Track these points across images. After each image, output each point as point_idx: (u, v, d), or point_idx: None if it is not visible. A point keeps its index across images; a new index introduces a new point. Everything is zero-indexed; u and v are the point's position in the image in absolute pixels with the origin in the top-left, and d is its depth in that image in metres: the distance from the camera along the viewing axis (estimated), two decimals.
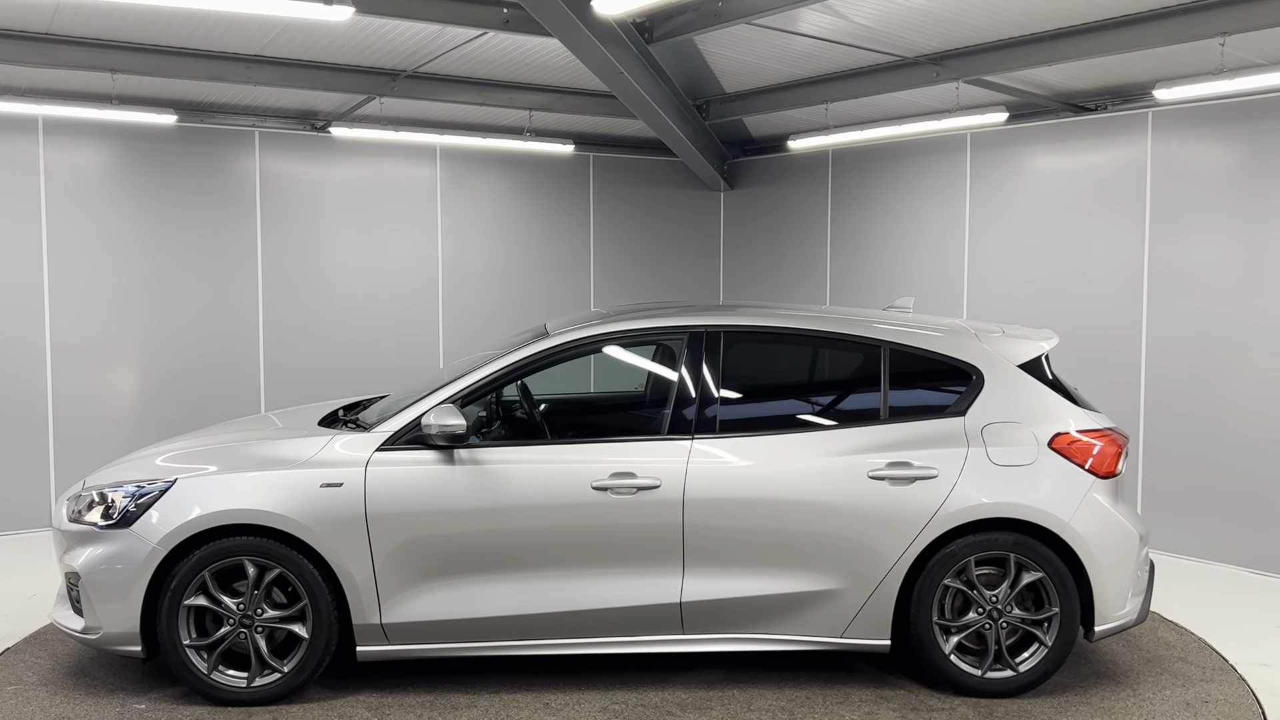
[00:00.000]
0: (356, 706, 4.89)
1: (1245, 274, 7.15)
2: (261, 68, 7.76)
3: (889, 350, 5.14)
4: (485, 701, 4.95)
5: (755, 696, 5.00)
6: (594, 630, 4.96)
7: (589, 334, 5.20)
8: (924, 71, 7.61)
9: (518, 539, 4.88)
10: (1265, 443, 7.08)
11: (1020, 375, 5.09)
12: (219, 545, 4.79)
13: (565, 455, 4.99)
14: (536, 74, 8.49)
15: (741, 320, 5.32)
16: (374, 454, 4.90)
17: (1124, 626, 5.02)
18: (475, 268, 10.01)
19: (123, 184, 8.48)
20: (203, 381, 8.83)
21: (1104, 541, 4.89)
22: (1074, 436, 4.98)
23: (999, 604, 4.91)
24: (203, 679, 4.85)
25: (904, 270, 9.34)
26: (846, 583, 4.91)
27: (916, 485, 4.88)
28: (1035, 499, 4.86)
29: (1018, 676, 4.93)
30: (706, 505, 4.88)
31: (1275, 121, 6.95)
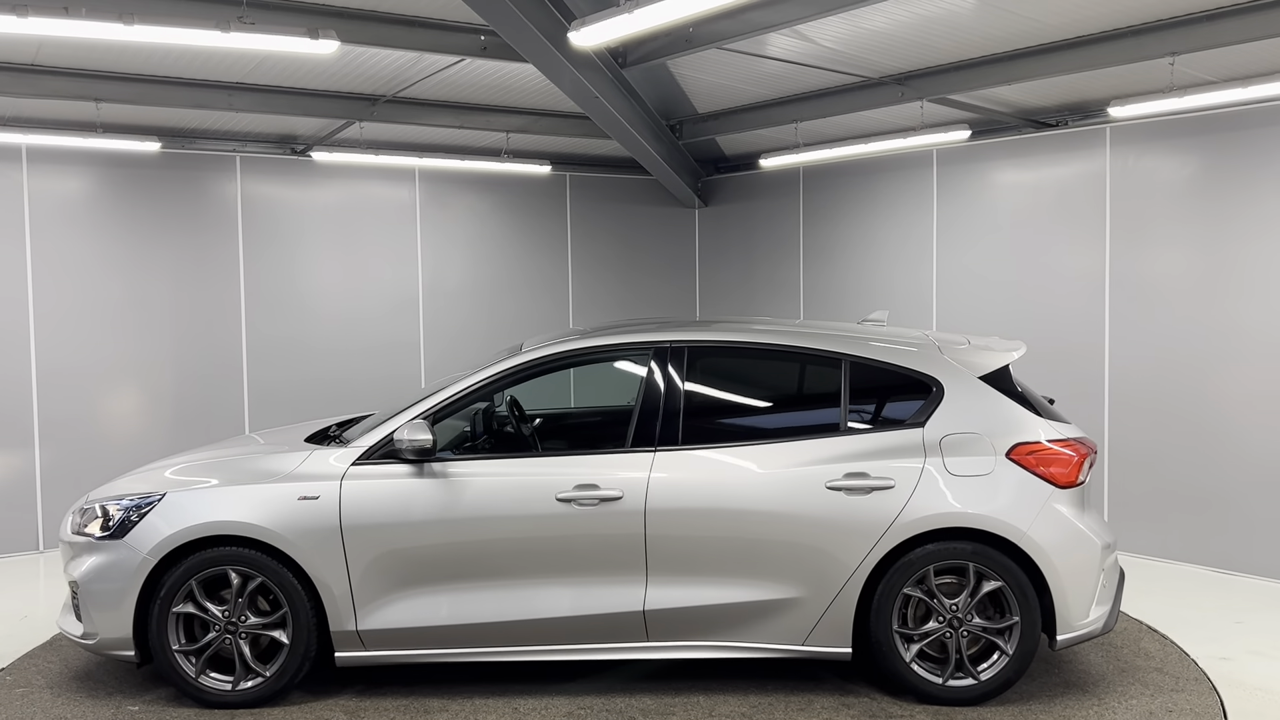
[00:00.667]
0: (335, 710, 5.09)
1: (1202, 281, 7.41)
2: (243, 95, 7.92)
3: (849, 364, 5.23)
4: (457, 706, 5.13)
5: (719, 702, 5.09)
6: (562, 638, 5.11)
7: (555, 351, 5.38)
8: (889, 91, 7.85)
9: (486, 549, 5.05)
10: (1223, 444, 7.33)
11: (981, 387, 5.13)
12: (205, 555, 5.05)
13: (532, 468, 5.18)
14: (513, 97, 8.68)
15: (705, 335, 5.45)
16: (350, 468, 5.13)
17: (1089, 635, 5.02)
18: (455, 287, 10.18)
19: (107, 210, 8.61)
20: (188, 403, 8.94)
21: (1064, 551, 4.91)
22: (1033, 446, 5.00)
23: (959, 613, 4.95)
24: (191, 682, 5.09)
25: (875, 283, 9.57)
26: (806, 591, 4.98)
27: (873, 495, 4.95)
28: (992, 509, 4.90)
29: (979, 685, 4.97)
30: (667, 515, 4.99)
31: (1227, 135, 7.22)
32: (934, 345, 5.37)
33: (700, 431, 5.20)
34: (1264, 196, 7.06)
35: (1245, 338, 7.20)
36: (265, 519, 5.02)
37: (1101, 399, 7.96)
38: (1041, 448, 5.02)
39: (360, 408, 7.50)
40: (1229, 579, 7.22)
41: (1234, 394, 7.27)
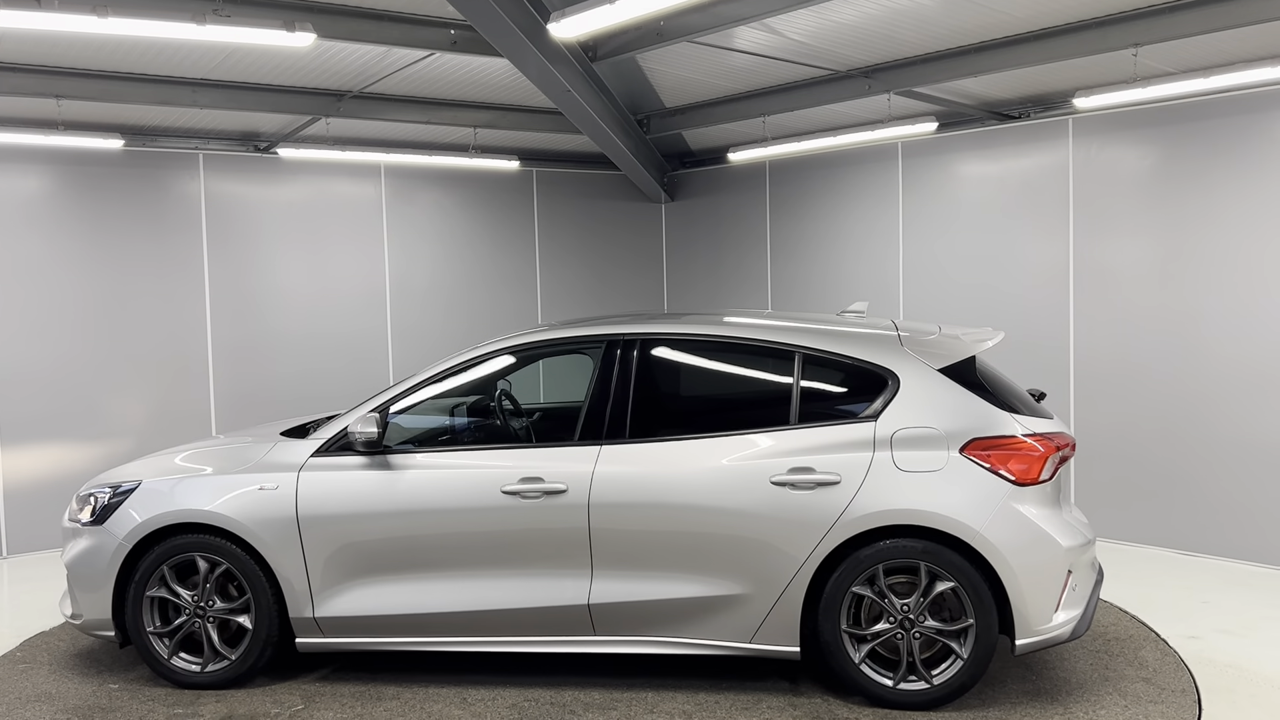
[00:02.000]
0: (294, 694, 5.24)
1: (1163, 269, 7.56)
2: (208, 91, 7.83)
3: (802, 355, 5.07)
4: (410, 694, 5.20)
5: (665, 699, 5.03)
6: (509, 629, 5.13)
7: (505, 345, 5.42)
8: (856, 84, 7.93)
9: (434, 541, 5.11)
10: (1185, 429, 7.48)
11: (938, 380, 4.90)
12: (175, 542, 5.24)
13: (480, 461, 5.19)
14: (481, 92, 8.66)
15: (656, 328, 5.35)
16: (308, 460, 5.27)
17: (1053, 641, 4.75)
18: (423, 284, 10.14)
19: (68, 209, 8.47)
20: (153, 404, 8.83)
21: (1022, 552, 4.66)
22: (990, 442, 4.76)
23: (911, 613, 4.75)
24: (163, 663, 5.31)
25: (842, 276, 9.66)
26: (752, 588, 4.86)
27: (818, 491, 4.78)
28: (943, 506, 4.67)
29: (932, 689, 4.77)
30: (611, 509, 4.94)
31: (1187, 126, 7.37)
32: (894, 337, 5.15)
33: (648, 425, 5.11)
34: (1222, 185, 7.22)
35: (1205, 324, 7.35)
36: (229, 508, 5.19)
37: (1067, 386, 8.10)
38: (999, 443, 4.76)
39: (329, 406, 7.46)
40: (1194, 560, 7.38)
41: (1195, 380, 7.43)
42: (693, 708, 4.93)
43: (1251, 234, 7.10)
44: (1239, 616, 6.16)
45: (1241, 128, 7.10)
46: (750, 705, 4.92)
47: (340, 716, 4.97)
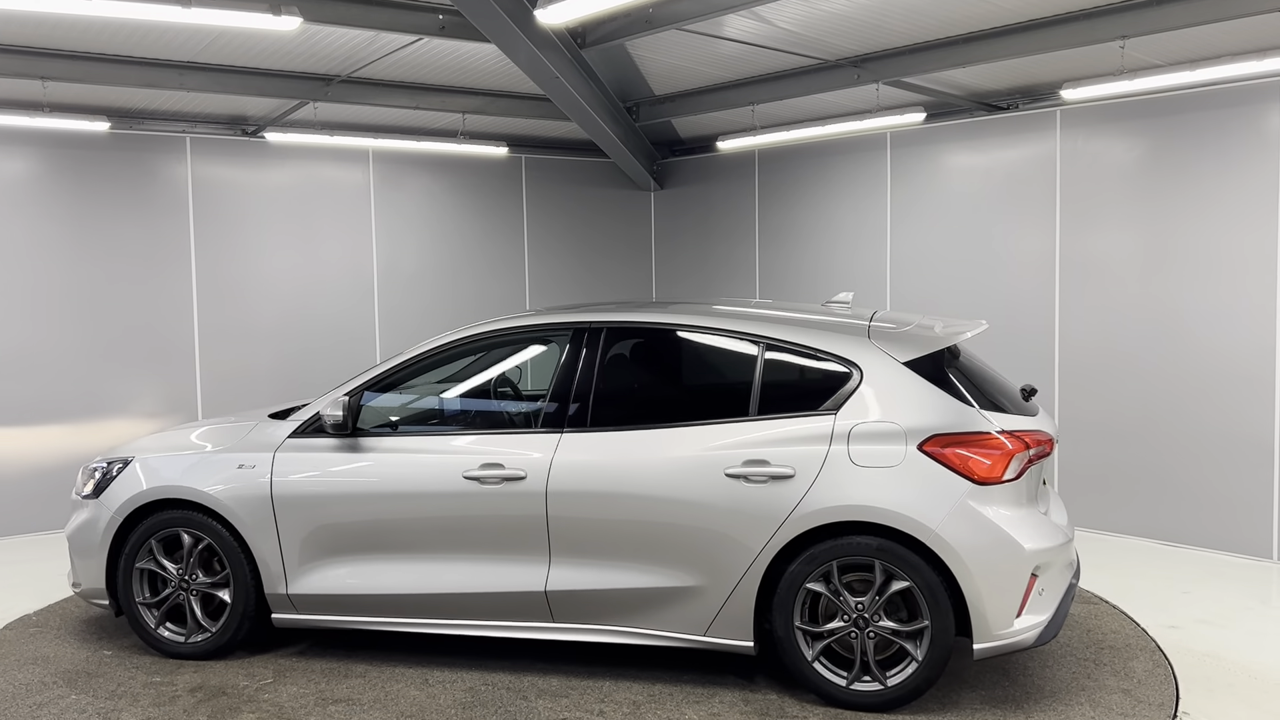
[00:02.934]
0: (266, 667, 5.40)
1: (1148, 260, 7.60)
2: (195, 74, 7.79)
3: (766, 346, 4.97)
4: (375, 672, 5.30)
5: (620, 688, 5.02)
6: (471, 613, 5.17)
7: (474, 333, 5.45)
8: (845, 74, 7.93)
9: (400, 523, 5.20)
10: (1168, 421, 7.53)
11: (902, 373, 4.76)
12: (161, 517, 5.45)
13: (445, 446, 5.24)
14: (470, 78, 8.64)
15: (621, 317, 5.32)
16: (285, 441, 5.42)
17: (1016, 647, 4.59)
18: (411, 270, 10.12)
19: (54, 191, 8.43)
20: (139, 388, 8.81)
21: (980, 553, 4.49)
22: (950, 438, 4.59)
23: (865, 612, 4.63)
24: (151, 633, 5.53)
25: (830, 265, 9.67)
26: (705, 581, 4.80)
27: (772, 485, 4.69)
28: (897, 503, 4.54)
29: (886, 690, 4.65)
30: (568, 497, 4.94)
31: (1174, 118, 7.40)
32: (863, 328, 5.02)
33: (610, 414, 5.09)
34: (1208, 178, 7.25)
35: (1188, 317, 7.39)
36: (210, 485, 5.37)
37: (1052, 377, 8.13)
38: (961, 440, 4.59)
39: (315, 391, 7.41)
40: (1175, 551, 7.43)
41: (1177, 371, 7.47)
42: (644, 698, 4.91)
43: (1236, 227, 7.13)
44: (1219, 607, 6.21)
45: (1227, 121, 7.13)
46: (703, 698, 4.89)
47: (303, 691, 5.10)
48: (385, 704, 4.93)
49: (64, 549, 5.81)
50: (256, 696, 5.03)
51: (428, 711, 4.83)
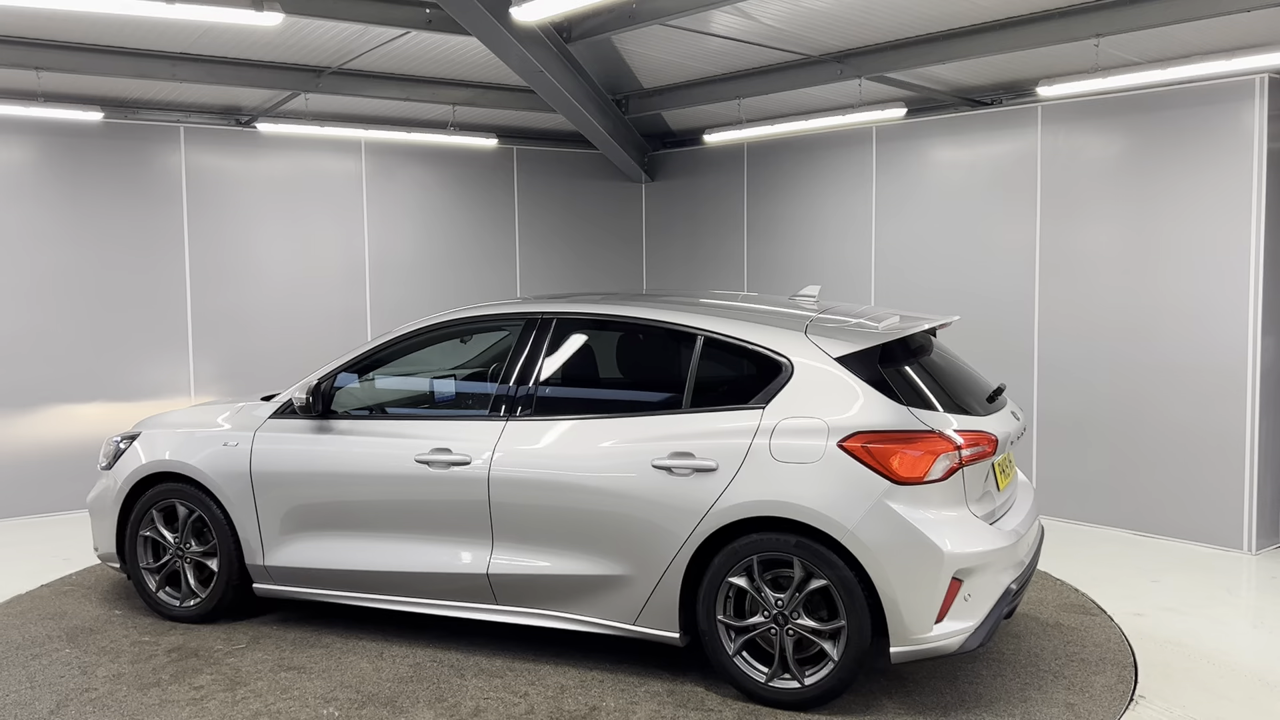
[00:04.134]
0: (242, 633, 5.76)
1: (1125, 255, 7.70)
2: (187, 65, 7.90)
3: (704, 339, 4.97)
4: (339, 645, 5.56)
5: (555, 672, 5.11)
6: (423, 591, 5.38)
7: (434, 322, 5.65)
8: (828, 69, 8.03)
9: (359, 503, 5.46)
10: (1142, 412, 7.64)
11: (832, 368, 4.68)
12: (160, 488, 5.89)
13: (402, 430, 5.45)
14: (459, 70, 8.74)
15: (566, 308, 5.42)
16: (265, 421, 5.77)
17: (936, 653, 4.47)
18: (402, 260, 10.23)
19: (49, 181, 8.54)
20: (132, 375, 8.93)
21: (896, 555, 4.40)
22: (872, 436, 4.49)
23: (785, 609, 4.59)
24: (152, 596, 5.98)
25: (817, 257, 9.78)
26: (633, 570, 4.85)
27: (695, 477, 4.70)
28: (814, 500, 4.48)
29: (803, 689, 4.60)
30: (509, 484, 5.06)
31: (1150, 115, 7.49)
32: (803, 323, 4.97)
33: (553, 402, 5.24)
34: (1183, 174, 7.35)
35: (1164, 311, 7.50)
36: (199, 460, 5.77)
37: (1031, 369, 8.25)
38: (883, 438, 4.49)
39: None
40: (1147, 541, 7.55)
41: (1152, 364, 7.58)
42: (574, 684, 4.99)
43: (1211, 223, 7.24)
44: (1185, 595, 6.33)
45: (1201, 118, 7.23)
46: (630, 687, 4.94)
47: (266, 658, 5.41)
48: (332, 674, 5.18)
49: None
50: (222, 660, 5.38)
51: (367, 683, 5.06)
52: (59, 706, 4.88)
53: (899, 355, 4.92)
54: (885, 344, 4.82)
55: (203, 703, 4.88)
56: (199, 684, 5.08)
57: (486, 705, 4.78)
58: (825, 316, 5.16)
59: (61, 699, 4.96)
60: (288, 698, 4.91)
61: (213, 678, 5.15)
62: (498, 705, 4.78)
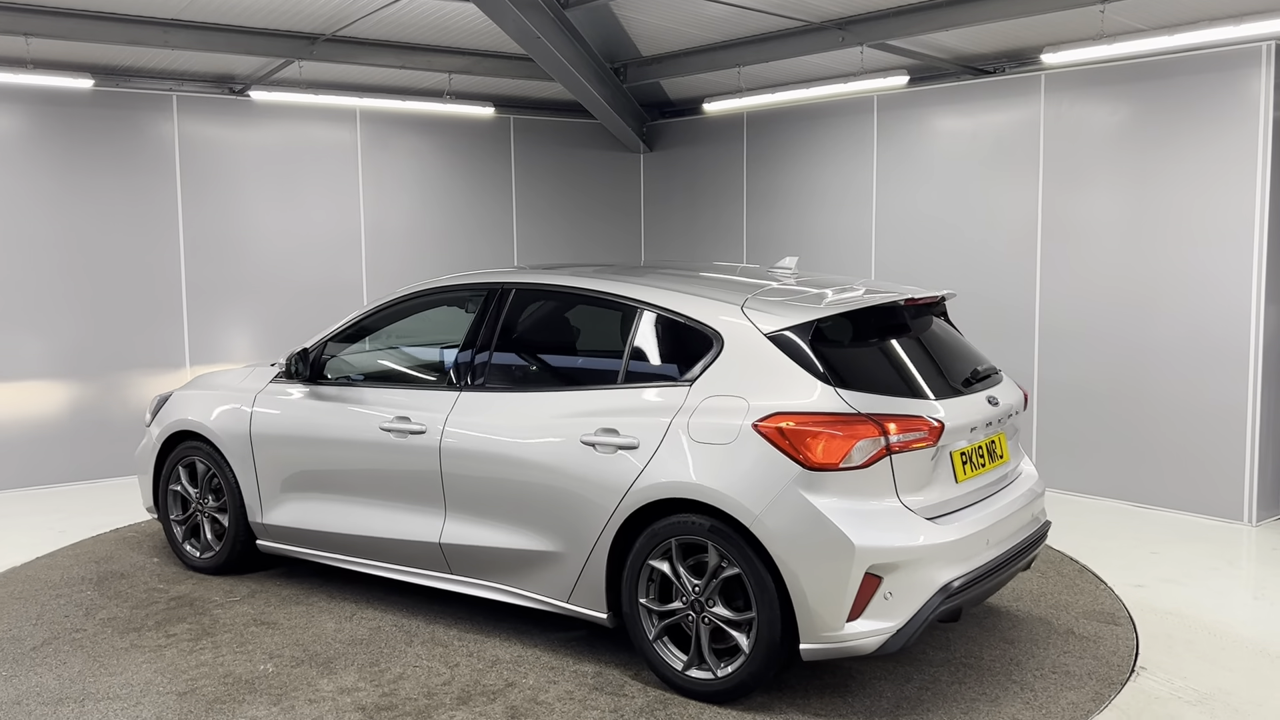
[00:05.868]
0: (243, 585, 6.05)
1: (1128, 225, 7.63)
2: (179, 31, 7.79)
3: (643, 311, 4.79)
4: (321, 604, 5.72)
5: (495, 647, 5.09)
6: (387, 556, 5.48)
7: (409, 292, 5.71)
8: (830, 36, 7.92)
9: (334, 467, 5.62)
10: (1144, 384, 7.60)
11: (761, 345, 4.41)
12: (185, 445, 6.24)
13: (375, 398, 5.52)
14: (455, 37, 8.62)
15: (526, 279, 5.36)
16: (267, 385, 5.97)
17: (850, 652, 4.16)
18: (398, 230, 10.14)
19: (39, 149, 8.44)
20: (127, 345, 8.87)
21: (803, 544, 4.11)
22: (787, 418, 4.20)
23: (701, 595, 4.39)
24: (177, 546, 6.38)
25: (816, 228, 9.70)
26: (564, 547, 4.76)
27: (618, 455, 4.54)
28: (724, 483, 4.24)
29: (715, 681, 4.39)
30: (457, 455, 5.06)
31: (1154, 83, 7.40)
32: (744, 296, 4.69)
33: (502, 374, 5.19)
34: (1188, 144, 7.27)
35: (1167, 281, 7.44)
36: (212, 421, 6.06)
37: (1032, 339, 8.20)
38: (797, 419, 4.19)
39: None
40: (1148, 513, 7.52)
41: (1154, 335, 7.53)
42: (508, 658, 4.95)
43: (1215, 193, 7.16)
44: (1186, 567, 6.31)
45: (1207, 86, 7.14)
46: (557, 666, 4.87)
47: (250, 612, 5.62)
48: (297, 631, 5.34)
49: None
50: (208, 611, 5.64)
51: (320, 642, 5.20)
52: (44, 643, 5.21)
53: (848, 332, 4.64)
54: (821, 319, 4.48)
55: (162, 650, 5.11)
56: (173, 632, 5.35)
57: (411, 673, 4.82)
58: (775, 289, 4.89)
59: (51, 636, 5.29)
60: (240, 652, 5.09)
61: (189, 627, 5.41)
62: (422, 674, 4.81)
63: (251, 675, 4.81)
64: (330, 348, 5.85)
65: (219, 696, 4.61)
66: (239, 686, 4.70)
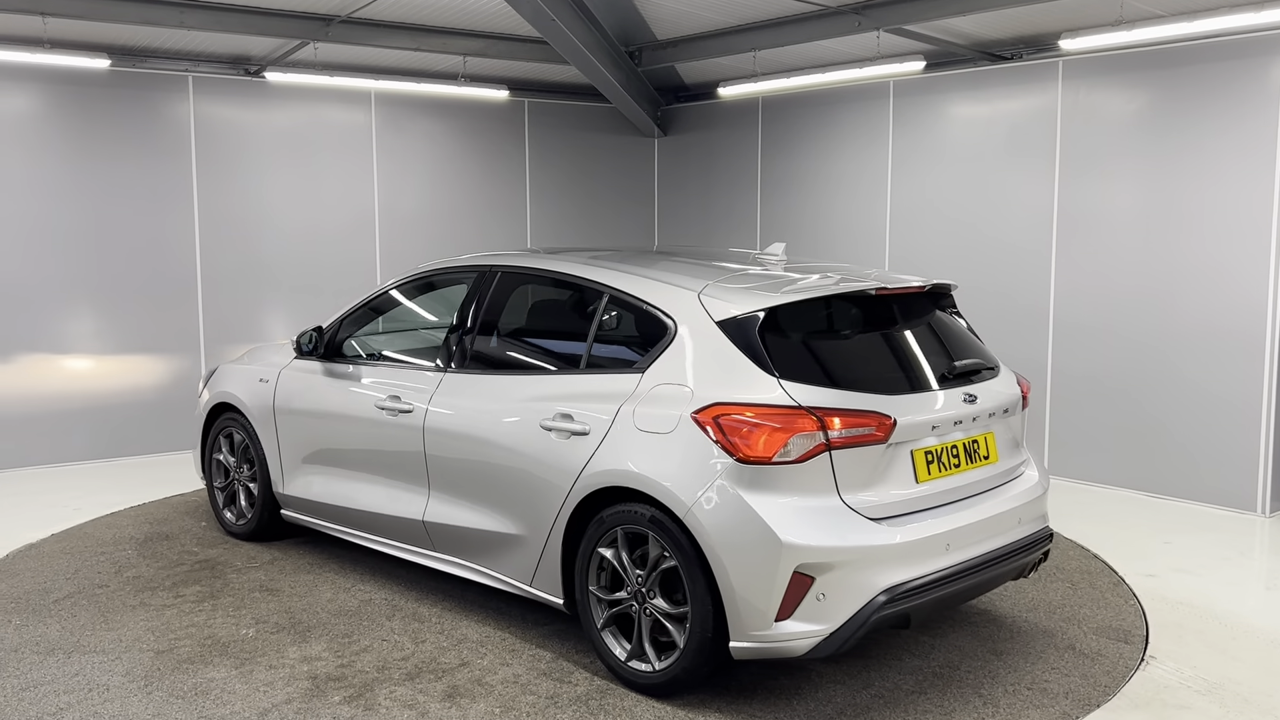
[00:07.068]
0: (268, 553, 6.30)
1: (1145, 214, 7.58)
2: (195, 12, 7.80)
3: (607, 296, 4.76)
4: (329, 575, 5.90)
5: (467, 626, 5.13)
6: (382, 531, 5.61)
7: (411, 275, 5.87)
8: (846, 21, 7.88)
9: (337, 442, 5.80)
10: (1160, 374, 7.56)
11: (710, 333, 4.31)
12: (225, 417, 6.56)
13: (375, 376, 5.67)
14: (471, 19, 8.61)
15: (510, 262, 5.40)
16: (291, 361, 6.16)
17: (781, 654, 4.01)
18: (412, 212, 10.15)
19: (56, 129, 8.46)
20: (141, 325, 8.91)
21: (732, 539, 3.98)
22: (724, 409, 4.09)
23: (643, 586, 4.32)
24: (218, 513, 6.68)
25: (831, 214, 9.67)
26: (525, 531, 4.77)
27: (572, 441, 4.52)
28: (660, 473, 4.16)
29: (653, 674, 4.31)
30: (438, 435, 5.14)
31: (1172, 71, 7.34)
32: (703, 282, 4.55)
33: (483, 357, 5.23)
34: (1208, 132, 7.21)
35: (1183, 271, 7.39)
36: (243, 394, 6.34)
37: (1046, 328, 8.16)
38: (734, 410, 4.08)
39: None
40: (1162, 503, 7.49)
41: (1169, 325, 7.49)
42: (474, 638, 4.98)
43: (1233, 183, 7.11)
44: (1197, 557, 6.29)
45: (1227, 74, 7.08)
46: (517, 649, 4.88)
47: (262, 578, 5.86)
48: (293, 599, 5.52)
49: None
50: (224, 575, 5.89)
51: (308, 612, 5.34)
52: (66, 596, 5.53)
53: (814, 321, 4.51)
54: (775, 308, 4.33)
55: (164, 610, 5.35)
56: (183, 593, 5.60)
57: (377, 647, 4.90)
58: (743, 275, 4.78)
59: (75, 590, 5.63)
60: (232, 616, 5.28)
61: (200, 589, 5.66)
62: (387, 648, 4.89)
63: (231, 639, 4.99)
64: (344, 328, 6.00)
65: (190, 656, 4.79)
66: (214, 648, 4.89)
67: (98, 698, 4.39)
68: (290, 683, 4.52)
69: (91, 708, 4.30)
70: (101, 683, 4.53)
